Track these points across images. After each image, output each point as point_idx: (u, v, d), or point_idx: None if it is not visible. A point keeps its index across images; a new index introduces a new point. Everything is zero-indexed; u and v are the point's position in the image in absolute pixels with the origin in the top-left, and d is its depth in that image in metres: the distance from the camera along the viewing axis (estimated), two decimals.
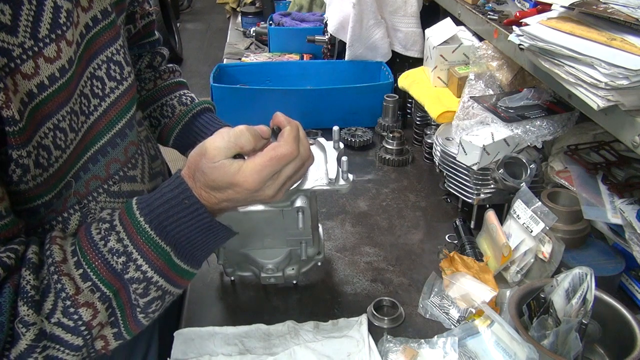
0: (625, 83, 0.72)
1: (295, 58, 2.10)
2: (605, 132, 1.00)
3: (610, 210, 1.00)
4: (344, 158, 0.90)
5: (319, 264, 1.07)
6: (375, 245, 1.19)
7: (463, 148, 1.15)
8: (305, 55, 2.11)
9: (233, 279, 1.08)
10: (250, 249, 1.00)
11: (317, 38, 1.92)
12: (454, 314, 0.98)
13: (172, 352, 0.92)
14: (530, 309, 0.88)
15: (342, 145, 0.97)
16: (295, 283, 1.07)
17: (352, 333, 0.93)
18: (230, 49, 2.40)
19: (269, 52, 2.20)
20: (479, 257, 1.07)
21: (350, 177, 0.91)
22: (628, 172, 1.07)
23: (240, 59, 2.17)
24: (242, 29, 2.69)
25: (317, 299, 1.04)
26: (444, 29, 1.42)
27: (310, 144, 0.79)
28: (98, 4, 0.76)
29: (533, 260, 1.01)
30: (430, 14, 1.70)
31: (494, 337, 0.89)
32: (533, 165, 1.11)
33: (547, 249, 0.98)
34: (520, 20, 0.98)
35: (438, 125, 1.36)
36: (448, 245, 1.18)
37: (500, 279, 1.04)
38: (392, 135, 1.51)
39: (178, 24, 5.71)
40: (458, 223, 1.16)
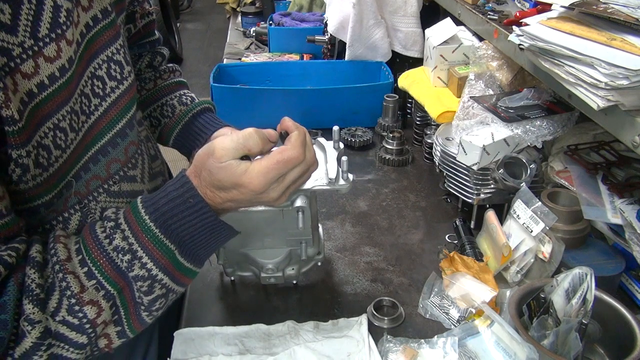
0: (625, 83, 0.72)
1: (295, 58, 2.10)
2: (605, 132, 1.00)
3: (610, 210, 1.00)
4: (344, 158, 0.90)
5: (319, 264, 1.07)
6: (375, 245, 1.19)
7: (463, 148, 1.15)
8: (305, 55, 2.11)
9: (233, 279, 1.08)
10: (250, 249, 1.00)
11: (317, 38, 1.92)
12: (454, 314, 0.98)
13: (172, 352, 0.92)
14: (530, 309, 0.88)
15: (342, 145, 0.97)
16: (295, 283, 1.07)
17: (352, 333, 0.93)
18: (230, 49, 2.40)
19: (269, 52, 2.20)
20: (479, 257, 1.07)
21: (350, 177, 0.91)
22: (628, 172, 1.07)
23: (240, 59, 2.17)
24: (242, 29, 2.69)
25: (317, 299, 1.04)
26: (444, 29, 1.42)
27: None
28: (98, 4, 0.76)
29: (533, 260, 1.01)
30: (430, 14, 1.70)
31: (494, 337, 0.89)
32: (533, 165, 1.11)
33: (547, 249, 0.98)
34: (520, 20, 0.98)
35: (438, 125, 1.36)
36: (448, 245, 1.18)
37: (500, 279, 1.04)
38: (392, 135, 1.51)
39: (178, 24, 5.71)
40: (458, 223, 1.16)
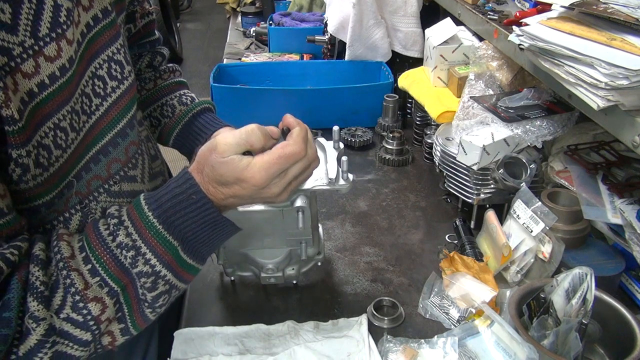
0: (625, 83, 0.72)
1: (295, 58, 2.10)
2: (605, 132, 1.00)
3: (610, 210, 1.00)
4: (344, 158, 0.90)
5: (319, 264, 1.07)
6: (375, 245, 1.19)
7: (463, 148, 1.15)
8: (305, 55, 2.11)
9: (233, 279, 1.08)
10: (250, 249, 1.00)
11: (317, 38, 1.92)
12: (454, 314, 0.98)
13: (172, 352, 0.92)
14: (530, 309, 0.88)
15: (342, 145, 0.97)
16: (295, 283, 1.07)
17: (352, 333, 0.93)
18: (230, 49, 2.40)
19: (269, 52, 2.20)
20: (479, 257, 1.07)
21: (350, 177, 0.91)
22: (628, 172, 1.06)
23: (240, 59, 2.17)
24: (242, 29, 2.69)
25: (317, 299, 1.04)
26: (444, 29, 1.42)
27: None
28: (98, 3, 0.76)
29: (533, 260, 1.01)
30: (430, 14, 1.70)
31: (494, 337, 0.89)
32: (533, 165, 1.11)
33: (547, 249, 0.98)
34: (520, 20, 0.98)
35: (438, 125, 1.36)
36: (448, 245, 1.18)
37: (500, 279, 1.04)
38: (392, 135, 1.51)
39: (178, 24, 5.71)
40: (458, 223, 1.16)
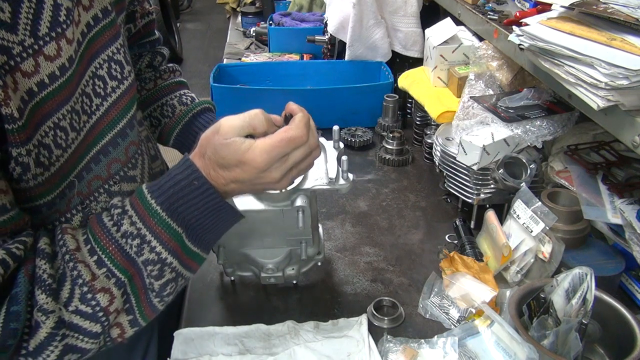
0: (625, 83, 0.72)
1: (295, 58, 2.10)
2: (605, 132, 1.00)
3: (610, 210, 1.00)
4: (344, 157, 0.90)
5: (319, 264, 1.07)
6: (375, 245, 1.19)
7: (463, 148, 1.15)
8: (305, 55, 2.11)
9: (233, 279, 1.08)
10: (250, 249, 0.99)
11: (317, 38, 1.92)
12: (454, 314, 0.98)
13: (172, 352, 0.92)
14: (530, 309, 0.88)
15: (342, 145, 0.97)
16: (295, 283, 1.07)
17: (352, 333, 0.93)
18: (230, 49, 2.40)
19: (269, 52, 2.20)
20: (479, 257, 1.07)
21: (351, 176, 0.91)
22: (628, 172, 1.07)
23: (240, 59, 2.17)
24: (242, 29, 2.69)
25: (317, 299, 1.04)
26: (444, 29, 1.42)
27: None
28: (98, 3, 0.76)
29: (533, 260, 1.01)
30: (430, 14, 1.70)
31: (494, 337, 0.89)
32: (533, 165, 1.11)
33: (547, 249, 0.98)
34: (520, 20, 0.98)
35: (438, 125, 1.36)
36: (448, 245, 1.18)
37: (500, 279, 1.04)
38: (392, 135, 1.51)
39: (178, 24, 5.71)
40: (458, 223, 1.16)
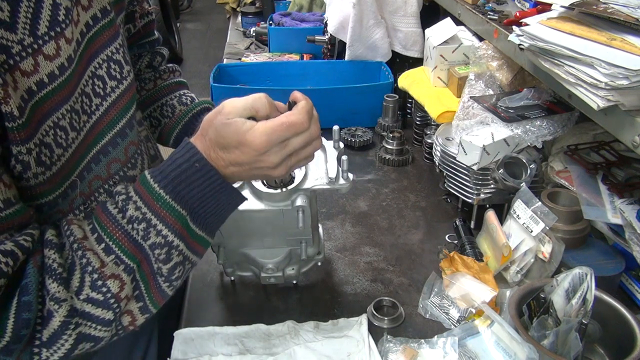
0: (625, 83, 0.72)
1: (295, 58, 2.10)
2: (605, 132, 1.00)
3: (610, 210, 1.00)
4: (344, 157, 0.90)
5: (319, 264, 1.07)
6: (375, 245, 1.19)
7: (463, 148, 1.15)
8: (305, 55, 2.11)
9: (233, 279, 1.08)
10: (250, 249, 0.99)
11: (317, 38, 1.92)
12: (454, 314, 0.98)
13: (172, 352, 0.92)
14: (530, 309, 0.88)
15: (342, 145, 0.97)
16: (295, 283, 1.07)
17: (352, 333, 0.93)
18: (230, 49, 2.40)
19: (269, 52, 2.20)
20: (479, 257, 1.07)
21: (351, 176, 0.91)
22: (628, 172, 1.06)
23: (240, 59, 2.17)
24: (242, 29, 2.69)
25: (317, 299, 1.04)
26: (444, 29, 1.42)
27: None
28: (97, 3, 0.76)
29: (533, 260, 1.01)
30: (430, 14, 1.70)
31: (494, 337, 0.89)
32: (533, 165, 1.11)
33: (547, 249, 0.98)
34: (520, 20, 0.98)
35: (438, 125, 1.36)
36: (448, 245, 1.18)
37: (500, 279, 1.04)
38: (392, 135, 1.51)
39: (178, 24, 5.71)
40: (458, 223, 1.16)
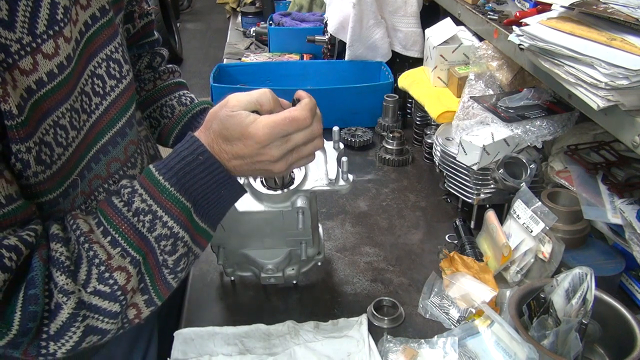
0: (625, 83, 0.72)
1: (295, 58, 2.10)
2: (605, 132, 1.00)
3: (610, 210, 1.00)
4: (344, 159, 0.90)
5: (319, 264, 1.07)
6: (375, 245, 1.19)
7: (463, 148, 1.15)
8: (305, 55, 2.11)
9: (233, 279, 1.08)
10: (250, 249, 0.99)
11: (317, 38, 1.92)
12: (454, 314, 0.98)
13: (172, 352, 0.92)
14: (530, 309, 0.88)
15: (342, 146, 0.97)
16: (295, 283, 1.07)
17: (352, 333, 0.93)
18: (230, 49, 2.40)
19: (269, 52, 2.20)
20: (479, 257, 1.07)
21: (350, 177, 0.91)
22: (628, 172, 1.06)
23: (240, 59, 2.17)
24: (242, 29, 2.69)
25: (317, 299, 1.04)
26: (444, 29, 1.42)
27: None
28: (96, 2, 0.76)
29: (533, 260, 1.01)
30: (430, 14, 1.70)
31: (494, 337, 0.89)
32: (533, 165, 1.11)
33: (547, 249, 0.98)
34: (520, 20, 0.98)
35: (438, 125, 1.36)
36: (448, 245, 1.18)
37: (500, 279, 1.04)
38: (392, 135, 1.51)
39: (178, 24, 5.71)
40: (458, 223, 1.16)
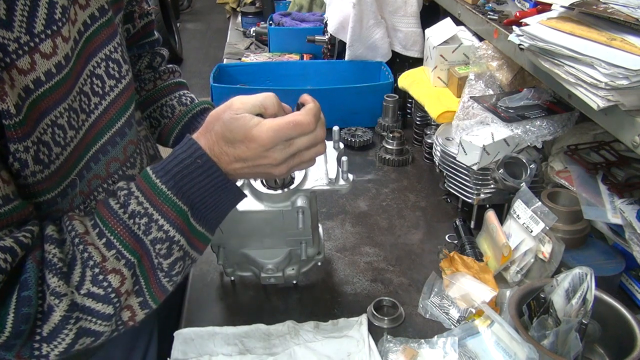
0: (625, 83, 0.72)
1: (295, 58, 2.10)
2: (605, 132, 1.00)
3: (610, 210, 1.00)
4: (344, 158, 0.90)
5: (319, 264, 1.07)
6: (375, 245, 1.19)
7: (463, 148, 1.15)
8: (305, 55, 2.11)
9: (233, 279, 1.08)
10: (250, 249, 0.99)
11: (317, 38, 1.92)
12: (454, 314, 0.98)
13: (172, 352, 0.92)
14: (530, 309, 0.88)
15: (342, 145, 0.97)
16: (295, 283, 1.07)
17: (352, 333, 0.93)
18: (230, 49, 2.40)
19: (269, 52, 2.20)
20: (479, 257, 1.07)
21: (350, 177, 0.91)
22: (628, 172, 1.06)
23: (240, 59, 2.17)
24: (242, 29, 2.69)
25: (317, 299, 1.04)
26: (444, 29, 1.42)
27: None
28: (95, 2, 0.76)
29: (533, 260, 1.01)
30: (430, 14, 1.70)
31: (494, 337, 0.89)
32: (533, 165, 1.11)
33: (547, 249, 0.98)
34: (520, 20, 0.98)
35: (438, 125, 1.36)
36: (448, 245, 1.18)
37: (500, 279, 1.04)
38: (392, 135, 1.51)
39: (178, 24, 5.71)
40: (458, 223, 1.16)
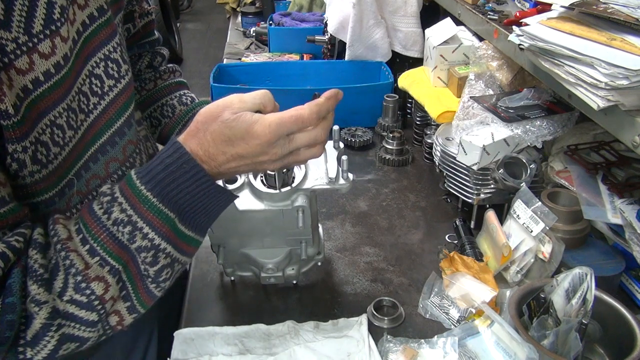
0: (625, 83, 0.72)
1: (295, 58, 2.10)
2: (605, 132, 1.00)
3: (610, 210, 1.00)
4: (344, 157, 0.90)
5: (319, 264, 1.07)
6: (375, 245, 1.19)
7: (463, 148, 1.15)
8: (305, 55, 2.11)
9: (233, 279, 1.08)
10: (250, 249, 0.99)
11: (317, 38, 1.92)
12: (454, 314, 0.98)
13: (172, 352, 0.92)
14: (530, 309, 0.88)
15: (342, 145, 0.97)
16: (295, 283, 1.07)
17: (352, 333, 0.93)
18: (230, 49, 2.40)
19: (269, 52, 2.20)
20: (479, 257, 1.07)
21: (351, 176, 0.91)
22: (628, 172, 1.06)
23: (240, 59, 2.17)
24: (242, 29, 2.69)
25: (317, 299, 1.04)
26: (444, 29, 1.42)
27: None
28: (94, 2, 0.76)
29: (533, 260, 1.01)
30: (430, 14, 1.70)
31: (494, 337, 0.89)
32: (533, 165, 1.11)
33: (547, 249, 0.98)
34: (520, 20, 0.98)
35: (438, 125, 1.36)
36: (448, 245, 1.18)
37: (500, 279, 1.04)
38: (392, 135, 1.51)
39: (178, 24, 5.71)
40: (458, 223, 1.16)
